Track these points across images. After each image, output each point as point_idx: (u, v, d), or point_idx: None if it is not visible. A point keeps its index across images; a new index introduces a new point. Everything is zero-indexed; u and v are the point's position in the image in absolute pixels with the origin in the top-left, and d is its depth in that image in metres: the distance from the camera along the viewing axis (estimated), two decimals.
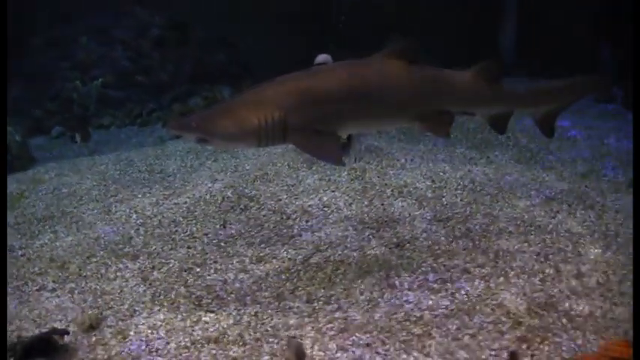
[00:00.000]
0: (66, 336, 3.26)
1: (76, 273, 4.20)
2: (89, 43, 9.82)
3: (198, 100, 9.10)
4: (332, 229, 4.38)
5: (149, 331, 3.32)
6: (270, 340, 3.11)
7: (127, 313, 3.56)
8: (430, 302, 3.32)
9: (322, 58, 5.80)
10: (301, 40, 11.71)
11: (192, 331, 3.29)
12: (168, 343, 3.17)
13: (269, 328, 3.24)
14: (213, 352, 3.05)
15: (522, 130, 6.85)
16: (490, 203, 4.70)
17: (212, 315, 3.44)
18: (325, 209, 4.68)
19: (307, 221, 4.53)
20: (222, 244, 4.36)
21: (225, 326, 3.30)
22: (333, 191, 4.97)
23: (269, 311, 3.42)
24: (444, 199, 4.79)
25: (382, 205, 4.69)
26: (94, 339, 3.29)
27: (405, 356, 2.88)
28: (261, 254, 4.12)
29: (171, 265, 4.14)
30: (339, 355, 2.93)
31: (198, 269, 4.04)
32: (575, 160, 6.17)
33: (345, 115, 3.51)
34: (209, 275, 3.94)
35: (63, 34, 10.21)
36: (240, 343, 3.11)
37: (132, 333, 3.32)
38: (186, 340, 3.18)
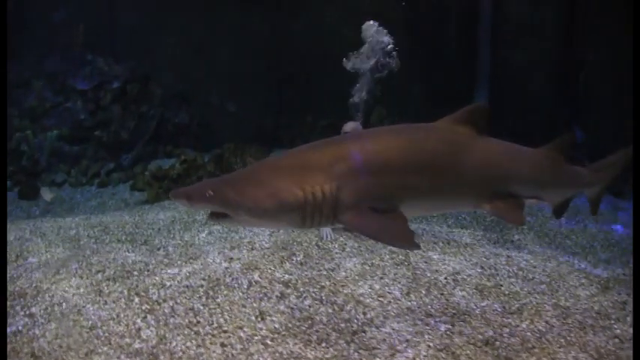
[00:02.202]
0: None
1: None
2: (42, 89, 8.67)
3: (173, 162, 8.10)
4: (398, 323, 3.72)
5: None
6: None
7: None
8: None
9: (351, 126, 5.33)
10: (270, 100, 11.28)
11: None
12: None
13: None
14: None
15: (529, 212, 6.71)
16: (551, 293, 4.28)
17: None
18: (381, 299, 4.01)
19: (365, 314, 3.84)
20: (269, 341, 3.54)
21: None
22: (381, 278, 4.33)
23: None
24: (502, 287, 4.31)
25: (442, 294, 4.12)
26: None
27: None
28: (327, 356, 3.36)
29: None
30: None
31: None
32: (593, 246, 6.02)
33: (406, 190, 2.83)
34: None
35: (9, 76, 9.03)
36: None
37: None
38: None
